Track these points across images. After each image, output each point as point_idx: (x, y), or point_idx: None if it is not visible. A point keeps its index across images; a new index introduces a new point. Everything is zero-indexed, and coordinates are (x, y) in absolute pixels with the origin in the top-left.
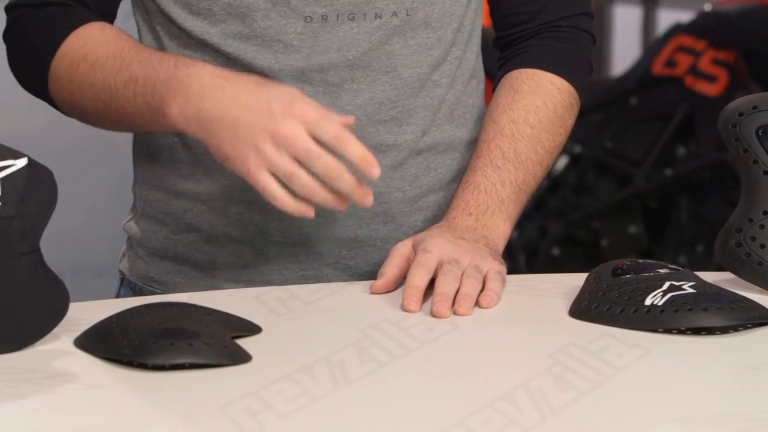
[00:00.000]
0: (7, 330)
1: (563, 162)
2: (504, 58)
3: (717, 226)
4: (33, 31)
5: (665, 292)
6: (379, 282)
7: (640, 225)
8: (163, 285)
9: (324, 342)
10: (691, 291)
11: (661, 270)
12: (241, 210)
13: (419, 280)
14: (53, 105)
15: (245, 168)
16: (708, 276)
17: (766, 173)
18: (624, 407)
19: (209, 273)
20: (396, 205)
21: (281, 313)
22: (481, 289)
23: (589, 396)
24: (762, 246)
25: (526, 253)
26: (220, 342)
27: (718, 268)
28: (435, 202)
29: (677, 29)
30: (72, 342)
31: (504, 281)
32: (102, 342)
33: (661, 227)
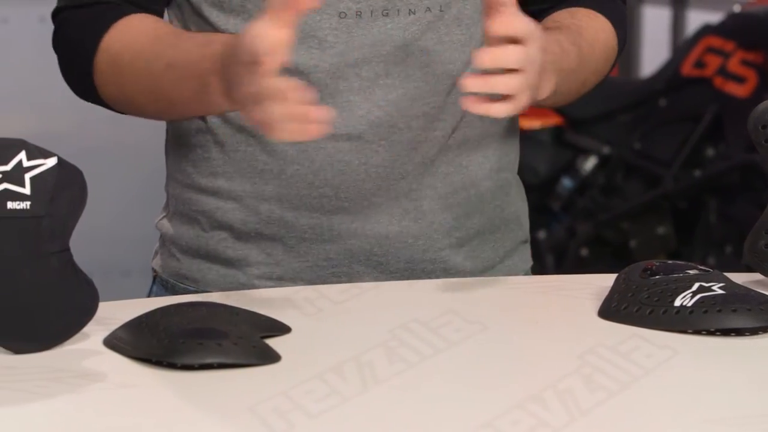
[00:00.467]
0: (37, 329)
1: (592, 163)
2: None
3: (746, 227)
4: (75, 31)
5: (695, 293)
6: None
7: (668, 226)
8: (195, 282)
9: (353, 342)
10: (721, 292)
11: (691, 271)
12: (273, 207)
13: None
14: (107, 106)
15: (249, 119)
16: (737, 277)
17: None
18: (653, 408)
19: (241, 270)
20: (427, 202)
21: (310, 313)
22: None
23: (619, 397)
24: None
25: (554, 254)
26: (249, 342)
27: (747, 269)
28: (465, 199)
29: (706, 30)
30: (101, 341)
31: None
32: (131, 341)
33: (690, 228)
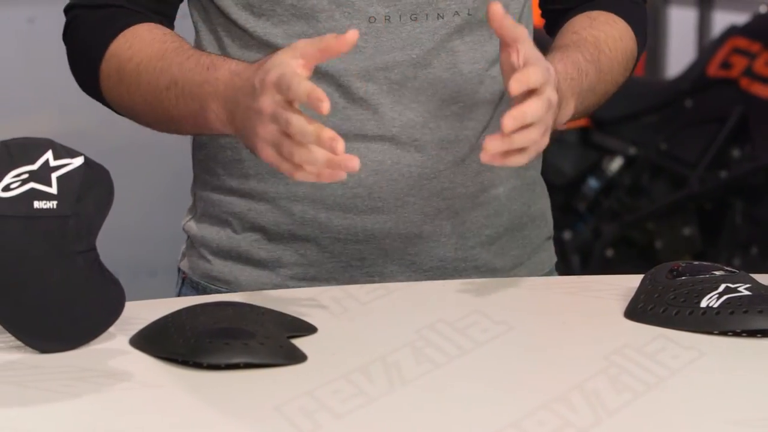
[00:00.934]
0: (63, 329)
1: (618, 163)
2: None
3: None
4: (86, 33)
5: (721, 294)
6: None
7: (694, 227)
8: (227, 284)
9: (379, 342)
10: (747, 293)
11: (717, 272)
12: (305, 208)
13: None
14: (108, 106)
15: (259, 152)
16: (763, 278)
17: None
18: (679, 409)
19: (274, 271)
20: (459, 201)
21: (337, 313)
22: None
23: (645, 398)
24: None
25: (580, 255)
26: (275, 342)
27: None
28: (496, 197)
29: (732, 31)
30: (127, 341)
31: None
32: (157, 341)
33: (716, 229)
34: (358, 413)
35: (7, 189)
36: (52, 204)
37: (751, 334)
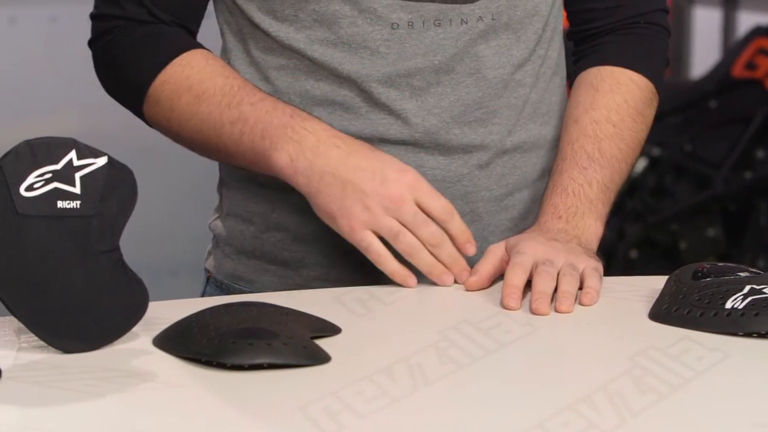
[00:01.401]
0: (86, 328)
1: (642, 164)
2: (579, 53)
3: None
4: (129, 50)
5: (746, 295)
6: (474, 278)
7: (718, 228)
8: (251, 283)
9: (403, 343)
10: None
11: (742, 273)
12: None
13: (517, 278)
14: (141, 119)
15: (350, 226)
16: None
17: None
18: (703, 411)
19: (297, 272)
20: (483, 204)
21: (360, 314)
22: (580, 287)
23: (669, 399)
24: None
25: (604, 256)
26: (299, 342)
27: None
28: (521, 200)
29: (757, 32)
30: (151, 341)
31: (601, 278)
32: (181, 341)
33: (740, 230)
34: (381, 414)
35: (31, 189)
36: (75, 204)
37: None
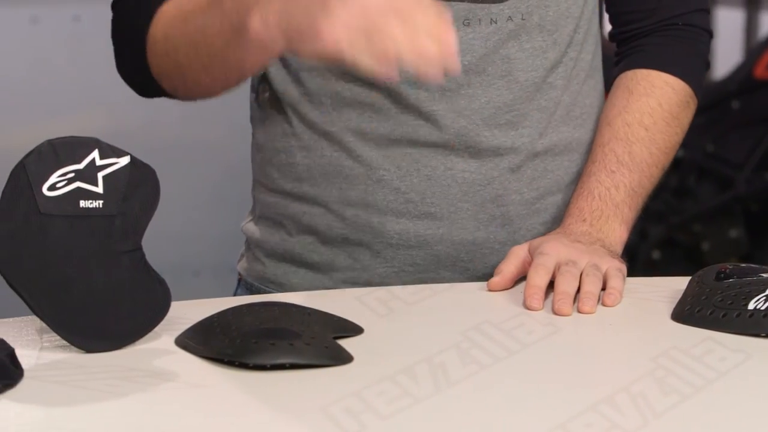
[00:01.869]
0: (108, 328)
1: None
2: (620, 54)
3: None
4: (130, 11)
5: None
6: (497, 278)
7: (741, 229)
8: (280, 286)
9: (425, 343)
10: None
11: (764, 274)
12: (358, 212)
13: (539, 279)
14: (158, 90)
15: (319, 35)
16: None
17: None
18: (726, 412)
19: (327, 275)
20: (514, 208)
21: (382, 314)
22: (603, 288)
23: (692, 400)
24: None
25: (626, 256)
26: (321, 342)
27: None
28: (553, 204)
29: None
30: (173, 341)
31: (624, 279)
32: (203, 341)
33: (763, 231)
34: (403, 414)
35: (53, 188)
36: (98, 203)
37: None
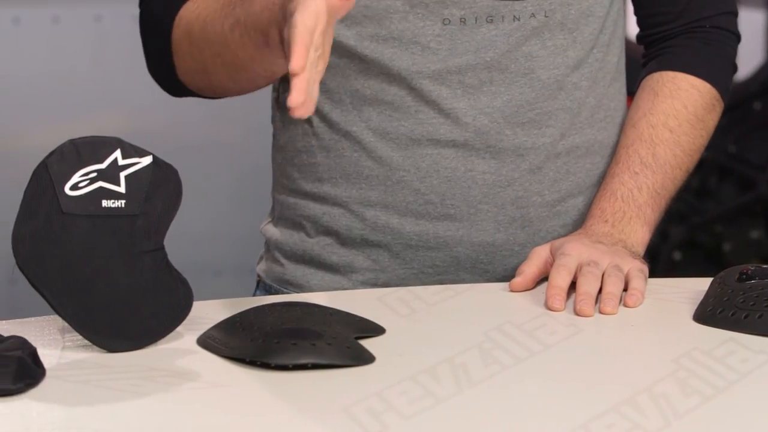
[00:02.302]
0: (131, 327)
1: None
2: (647, 56)
3: None
4: (152, 13)
5: None
6: (519, 279)
7: (762, 230)
8: (299, 288)
9: (447, 344)
10: None
11: None
12: (378, 213)
13: (561, 280)
14: (184, 91)
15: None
16: None
17: None
18: (748, 413)
19: (345, 276)
20: (534, 210)
21: (404, 314)
22: (625, 289)
23: (714, 401)
24: None
25: (647, 257)
26: (343, 342)
27: None
28: (574, 206)
29: None
30: (195, 340)
31: (646, 279)
32: (225, 341)
33: None
34: (425, 415)
35: (76, 188)
36: (120, 203)
37: None
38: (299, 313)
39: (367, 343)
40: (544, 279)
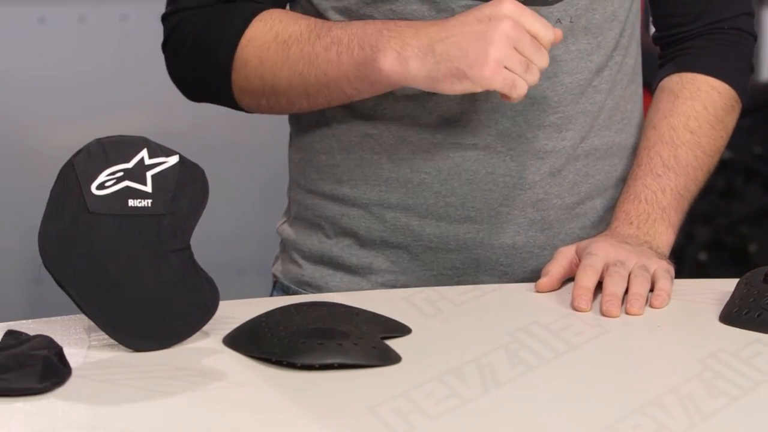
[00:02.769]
0: (157, 327)
1: None
2: (664, 57)
3: None
4: (204, 29)
5: None
6: (544, 280)
7: None
8: (317, 289)
9: (473, 344)
10: None
11: None
12: (398, 215)
13: (587, 280)
14: (231, 102)
15: (489, 70)
16: None
17: None
18: None
19: (365, 278)
20: (554, 212)
21: (430, 314)
22: (651, 289)
23: (740, 402)
24: None
25: (673, 258)
26: (369, 342)
27: None
28: (592, 208)
29: None
30: (221, 340)
31: (672, 280)
32: (251, 341)
33: None
34: (451, 415)
35: (102, 187)
36: (146, 202)
37: None
38: (325, 313)
39: (393, 343)
40: (569, 279)
